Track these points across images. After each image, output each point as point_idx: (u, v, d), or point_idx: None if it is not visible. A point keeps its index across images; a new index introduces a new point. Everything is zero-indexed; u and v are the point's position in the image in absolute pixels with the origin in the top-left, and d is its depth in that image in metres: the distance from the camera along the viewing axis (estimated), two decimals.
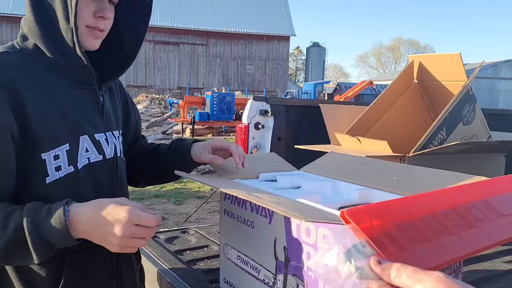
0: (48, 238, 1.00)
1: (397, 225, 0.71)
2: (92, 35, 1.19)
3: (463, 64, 2.38)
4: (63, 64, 1.18)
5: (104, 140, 1.29)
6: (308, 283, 1.14)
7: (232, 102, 17.39)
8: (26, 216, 1.00)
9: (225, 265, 1.52)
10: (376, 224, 0.69)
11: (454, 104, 2.17)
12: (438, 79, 2.52)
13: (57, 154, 1.14)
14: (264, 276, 1.30)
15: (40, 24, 1.14)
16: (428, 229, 0.74)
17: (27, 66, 1.15)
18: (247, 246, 1.38)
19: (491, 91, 29.72)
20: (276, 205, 1.02)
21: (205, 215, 5.98)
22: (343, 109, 2.55)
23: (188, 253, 2.04)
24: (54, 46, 1.15)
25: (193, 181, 1.47)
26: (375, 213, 0.72)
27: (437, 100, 2.57)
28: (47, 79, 1.17)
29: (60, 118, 1.16)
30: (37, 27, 1.14)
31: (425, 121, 2.46)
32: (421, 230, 0.73)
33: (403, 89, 2.61)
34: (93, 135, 1.24)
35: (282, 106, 2.38)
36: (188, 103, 17.92)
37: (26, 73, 1.13)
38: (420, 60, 2.60)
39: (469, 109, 2.26)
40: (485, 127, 2.37)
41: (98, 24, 1.18)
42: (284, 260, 1.22)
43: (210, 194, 4.97)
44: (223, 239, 1.52)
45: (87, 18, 1.15)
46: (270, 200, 1.07)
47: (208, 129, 17.15)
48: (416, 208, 0.78)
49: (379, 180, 1.41)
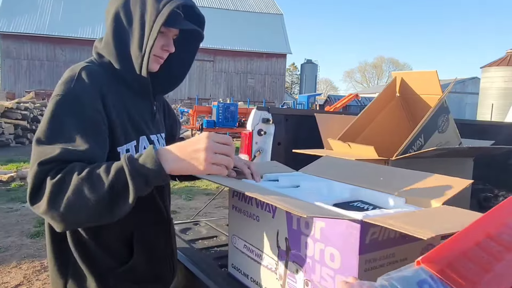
0: (142, 170, 1.02)
1: (464, 259, 0.63)
2: (156, 61, 1.31)
3: (439, 80, 2.39)
4: (130, 80, 1.29)
5: (156, 140, 1.41)
6: (306, 269, 1.15)
7: (236, 111, 17.39)
8: (123, 159, 1.04)
9: (233, 252, 1.52)
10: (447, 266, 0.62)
11: (431, 115, 2.18)
12: (417, 93, 2.52)
13: (128, 149, 1.27)
14: (267, 263, 1.31)
15: (117, 47, 1.26)
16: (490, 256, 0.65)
17: (107, 77, 1.26)
18: (253, 236, 1.38)
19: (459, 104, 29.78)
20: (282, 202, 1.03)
21: (212, 210, 5.98)
22: (335, 118, 2.56)
23: (200, 242, 2.04)
24: (125, 66, 1.27)
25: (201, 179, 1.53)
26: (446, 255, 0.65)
27: (416, 111, 2.57)
28: (119, 89, 1.28)
29: (128, 120, 1.29)
30: (114, 49, 1.26)
31: (406, 130, 2.47)
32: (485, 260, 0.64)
33: (387, 101, 2.62)
34: (149, 136, 1.37)
35: (282, 115, 2.39)
36: (197, 112, 17.93)
37: (108, 82, 1.24)
38: (402, 76, 2.61)
39: (443, 119, 2.27)
40: (457, 135, 2.37)
41: (162, 55, 1.31)
42: (285, 249, 1.22)
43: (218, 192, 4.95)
44: (231, 230, 1.53)
45: (156, 49, 1.27)
46: (276, 198, 1.08)
47: None
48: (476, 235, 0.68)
49: (367, 180, 1.41)
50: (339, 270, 1.04)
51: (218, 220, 2.45)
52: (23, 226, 5.35)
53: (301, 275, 1.16)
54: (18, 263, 4.18)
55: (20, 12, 32.23)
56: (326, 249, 1.07)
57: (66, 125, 1.10)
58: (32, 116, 14.80)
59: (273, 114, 2.37)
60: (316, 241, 1.10)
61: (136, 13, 1.24)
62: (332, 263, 1.06)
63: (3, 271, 3.99)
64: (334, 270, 1.05)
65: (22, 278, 3.85)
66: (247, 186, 1.28)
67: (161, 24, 1.20)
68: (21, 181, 7.83)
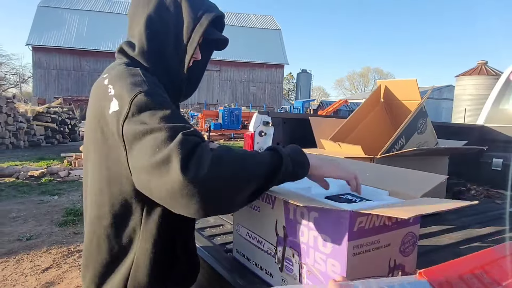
0: (298, 157, 1.04)
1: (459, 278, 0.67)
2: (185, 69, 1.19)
3: (418, 88, 2.39)
4: (165, 84, 1.11)
5: None
6: (301, 253, 1.15)
7: (239, 115, 17.42)
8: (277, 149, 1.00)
9: (237, 239, 1.52)
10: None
11: (411, 118, 2.18)
12: (399, 99, 2.53)
13: None
14: (267, 248, 1.31)
15: (152, 55, 1.12)
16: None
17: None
18: (254, 225, 1.38)
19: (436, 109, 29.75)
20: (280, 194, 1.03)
21: None
22: (327, 121, 2.56)
23: (208, 230, 2.04)
24: (161, 72, 1.13)
25: None
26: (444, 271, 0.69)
27: (398, 115, 2.57)
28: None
29: None
30: (150, 56, 1.12)
31: (389, 131, 2.47)
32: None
33: (372, 106, 2.62)
34: None
35: (280, 119, 2.39)
36: (206, 115, 17.94)
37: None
38: (385, 84, 2.61)
39: (422, 122, 2.27)
40: (434, 136, 2.37)
41: (191, 63, 1.18)
42: (283, 236, 1.22)
43: None
44: (235, 219, 1.53)
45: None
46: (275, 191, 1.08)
47: (221, 136, 17.14)
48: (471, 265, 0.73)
49: None
50: (330, 255, 1.04)
51: None
52: (53, 216, 5.36)
53: (297, 259, 1.16)
54: (48, 249, 4.19)
55: (49, 28, 32.27)
56: (319, 236, 1.07)
57: (173, 111, 0.95)
58: (60, 119, 14.81)
59: (273, 117, 2.37)
60: (310, 229, 1.11)
61: (171, 20, 1.12)
62: (324, 248, 1.06)
63: (35, 256, 4.00)
64: (326, 254, 1.05)
65: (52, 262, 3.86)
66: None
67: (200, 35, 1.11)
68: (51, 176, 7.84)
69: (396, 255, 1.11)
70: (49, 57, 32.05)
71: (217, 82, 36.47)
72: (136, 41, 1.12)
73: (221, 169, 0.85)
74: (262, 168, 0.93)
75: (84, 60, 32.74)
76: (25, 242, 4.35)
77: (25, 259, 3.90)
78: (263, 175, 0.93)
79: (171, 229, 1.10)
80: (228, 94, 36.85)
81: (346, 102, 26.90)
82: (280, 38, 39.41)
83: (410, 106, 2.42)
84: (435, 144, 2.35)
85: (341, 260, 1.00)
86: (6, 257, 3.93)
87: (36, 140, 13.40)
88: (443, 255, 1.58)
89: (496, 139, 3.40)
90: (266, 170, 0.93)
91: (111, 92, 0.99)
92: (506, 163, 3.12)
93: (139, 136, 0.89)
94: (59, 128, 14.68)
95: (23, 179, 7.60)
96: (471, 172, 3.25)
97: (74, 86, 32.44)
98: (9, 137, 12.23)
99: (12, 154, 11.12)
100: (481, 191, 2.88)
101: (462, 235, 1.82)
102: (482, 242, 1.76)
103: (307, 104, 29.82)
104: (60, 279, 3.52)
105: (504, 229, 1.94)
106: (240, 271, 1.43)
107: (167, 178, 0.82)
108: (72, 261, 3.89)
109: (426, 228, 1.89)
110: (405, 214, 0.86)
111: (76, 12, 34.26)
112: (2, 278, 3.48)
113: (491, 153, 3.23)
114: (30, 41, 31.30)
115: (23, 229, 4.77)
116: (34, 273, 3.60)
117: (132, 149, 0.91)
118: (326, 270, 1.05)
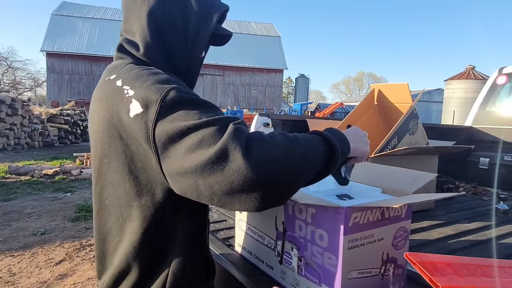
0: (344, 141, 0.96)
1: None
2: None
3: (409, 91, 2.39)
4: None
5: None
6: (299, 247, 1.15)
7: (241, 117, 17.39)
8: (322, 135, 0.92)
9: (239, 234, 1.52)
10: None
11: (403, 119, 2.18)
12: (392, 102, 2.52)
13: None
14: (267, 242, 1.31)
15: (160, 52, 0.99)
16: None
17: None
18: (255, 220, 1.38)
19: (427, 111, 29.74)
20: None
21: None
22: (324, 122, 2.55)
23: (212, 225, 2.04)
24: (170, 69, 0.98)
25: None
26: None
27: (391, 116, 2.57)
28: None
29: None
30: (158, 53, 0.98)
31: (382, 132, 2.47)
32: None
33: (366, 108, 2.62)
34: None
35: (279, 120, 2.38)
36: None
37: None
38: (379, 88, 2.61)
39: (413, 123, 2.26)
40: (425, 136, 2.37)
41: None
42: (282, 231, 1.22)
43: None
44: (238, 215, 1.53)
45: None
46: None
47: None
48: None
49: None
50: (327, 248, 1.04)
51: None
52: (65, 212, 5.36)
53: (295, 252, 1.16)
54: (61, 243, 4.19)
55: (62, 34, 32.29)
56: (316, 231, 1.07)
57: (210, 104, 0.85)
58: (72, 121, 14.83)
59: (272, 119, 2.36)
60: (308, 224, 1.11)
61: (176, 15, 0.98)
62: (321, 242, 1.06)
63: (48, 249, 4.00)
64: (323, 248, 1.05)
65: (65, 255, 3.86)
66: None
67: (211, 32, 1.01)
68: (64, 175, 7.86)
69: (389, 248, 1.11)
70: (62, 63, 32.05)
71: (220, 86, 36.45)
72: (139, 39, 0.98)
73: (284, 157, 0.76)
74: (319, 161, 0.86)
75: (95, 65, 32.73)
76: (40, 237, 4.35)
77: (39, 253, 3.91)
78: (319, 168, 0.87)
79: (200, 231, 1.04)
80: (231, 97, 36.82)
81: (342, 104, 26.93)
82: (280, 45, 39.38)
83: (402, 108, 2.42)
84: (425, 144, 2.35)
85: (337, 253, 1.00)
86: (22, 251, 3.93)
87: (50, 141, 13.42)
88: (433, 248, 1.57)
89: (483, 139, 3.40)
90: (322, 164, 0.87)
91: (128, 94, 0.85)
92: (492, 162, 3.11)
93: (179, 136, 0.76)
94: (71, 129, 14.70)
95: (37, 177, 7.61)
96: (460, 170, 3.25)
97: (86, 89, 32.45)
98: (25, 138, 12.25)
99: (28, 154, 11.13)
100: (469, 188, 2.88)
101: (451, 230, 1.82)
102: (469, 236, 1.75)
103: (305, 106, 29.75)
104: (73, 271, 3.52)
105: (490, 224, 1.94)
106: (241, 264, 1.43)
107: (226, 173, 0.71)
108: (84, 255, 3.89)
109: (417, 223, 1.89)
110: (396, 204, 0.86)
111: (87, 20, 34.28)
112: (18, 270, 3.49)
113: (478, 153, 3.23)
114: (44, 48, 31.32)
115: (37, 225, 4.78)
116: (48, 266, 3.60)
117: (168, 151, 0.78)
118: (323, 263, 1.05)
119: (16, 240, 4.24)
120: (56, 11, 34.10)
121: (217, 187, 0.73)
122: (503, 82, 3.66)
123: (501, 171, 2.99)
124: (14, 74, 41.06)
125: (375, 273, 1.08)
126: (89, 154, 6.96)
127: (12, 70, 40.54)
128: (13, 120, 11.56)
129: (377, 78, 68.84)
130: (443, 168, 2.47)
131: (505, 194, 2.44)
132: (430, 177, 1.23)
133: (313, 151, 0.83)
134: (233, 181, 0.72)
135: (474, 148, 2.69)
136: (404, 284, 1.18)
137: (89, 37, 33.19)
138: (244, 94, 37.40)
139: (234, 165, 0.71)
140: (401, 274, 1.16)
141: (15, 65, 40.33)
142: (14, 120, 11.61)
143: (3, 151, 11.25)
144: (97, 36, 33.42)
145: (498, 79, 3.71)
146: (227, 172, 0.71)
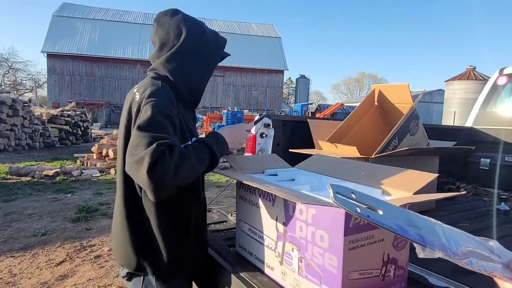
0: (224, 146, 1.35)
1: None
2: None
3: (410, 92, 2.38)
4: (186, 95, 1.40)
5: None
6: (300, 248, 1.15)
7: (242, 118, 17.35)
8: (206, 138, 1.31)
9: (239, 234, 1.52)
10: None
11: (404, 120, 2.17)
12: (392, 102, 2.52)
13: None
14: (268, 243, 1.31)
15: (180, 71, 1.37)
16: None
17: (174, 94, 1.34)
18: (256, 221, 1.38)
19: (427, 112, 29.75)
20: (280, 192, 1.03)
21: (222, 199, 5.97)
22: (324, 123, 2.55)
23: (213, 226, 2.04)
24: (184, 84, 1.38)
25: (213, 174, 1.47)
26: None
27: (391, 117, 2.57)
28: (180, 104, 1.36)
29: (187, 126, 1.37)
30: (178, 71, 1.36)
31: (383, 133, 2.47)
32: None
33: (367, 109, 2.61)
34: (197, 137, 1.39)
35: (280, 121, 2.38)
36: (210, 118, 17.92)
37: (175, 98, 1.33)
38: (379, 89, 2.60)
39: (414, 124, 2.26)
40: (425, 137, 2.37)
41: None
42: (283, 231, 1.22)
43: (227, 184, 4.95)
44: (238, 216, 1.53)
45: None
46: (275, 189, 1.08)
47: None
48: None
49: (351, 174, 1.41)
50: (328, 249, 1.04)
51: (227, 208, 2.45)
52: (66, 213, 5.36)
53: (296, 253, 1.16)
54: (62, 243, 4.19)
55: (63, 36, 32.34)
56: (317, 232, 1.07)
57: (163, 122, 1.19)
58: (73, 122, 14.84)
59: (273, 120, 2.36)
60: (308, 225, 1.10)
61: (198, 48, 1.39)
62: (321, 243, 1.06)
63: (49, 250, 4.00)
64: (323, 249, 1.05)
65: (65, 256, 3.86)
66: (252, 179, 1.28)
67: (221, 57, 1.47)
68: (64, 176, 7.85)
69: (389, 249, 1.11)
70: (63, 63, 32.09)
71: (220, 87, 36.47)
72: (168, 61, 1.36)
73: (174, 172, 1.09)
74: (203, 168, 1.24)
75: (95, 66, 32.78)
76: (40, 238, 4.35)
77: (40, 253, 3.91)
78: (203, 171, 1.26)
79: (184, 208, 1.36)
80: (231, 98, 36.83)
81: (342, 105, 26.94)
82: (280, 46, 39.39)
83: (403, 109, 2.42)
84: (426, 144, 2.35)
85: (337, 254, 1.00)
86: (23, 251, 3.93)
87: (51, 142, 13.43)
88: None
89: (483, 140, 3.40)
90: (205, 169, 1.26)
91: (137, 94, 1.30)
92: (493, 163, 3.11)
93: (137, 129, 1.16)
94: (72, 130, 14.71)
95: (38, 178, 7.61)
96: (460, 171, 3.25)
97: (86, 90, 32.50)
98: (26, 139, 12.26)
99: (28, 154, 11.14)
100: (470, 189, 2.88)
101: None
102: None
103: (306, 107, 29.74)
104: (73, 272, 3.52)
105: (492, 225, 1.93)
106: (242, 264, 1.43)
107: (138, 174, 1.09)
108: (85, 255, 3.89)
109: None
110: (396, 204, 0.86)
111: (88, 21, 34.33)
112: (18, 271, 3.49)
113: (479, 153, 3.23)
114: (45, 49, 31.37)
115: (38, 225, 4.78)
116: (48, 267, 3.60)
117: (132, 136, 1.18)
118: (323, 264, 1.05)
119: (17, 241, 4.24)
120: (57, 12, 34.15)
121: (135, 177, 1.13)
122: (504, 83, 3.66)
123: (502, 171, 2.99)
124: (15, 75, 41.19)
125: (375, 274, 1.08)
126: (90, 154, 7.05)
127: (13, 71, 40.66)
128: (14, 121, 11.57)
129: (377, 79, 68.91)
130: (444, 168, 2.47)
131: (506, 195, 2.44)
132: (431, 177, 1.23)
133: (200, 163, 1.21)
134: (141, 178, 1.09)
135: (475, 149, 2.69)
136: (405, 284, 1.18)
137: (90, 38, 33.23)
138: (245, 95, 37.41)
139: (141, 170, 1.07)
140: (402, 275, 1.16)
141: (16, 66, 40.51)
142: (15, 121, 11.62)
143: (4, 152, 11.26)
144: (97, 37, 33.46)
145: (498, 80, 3.71)
146: (138, 174, 1.09)
